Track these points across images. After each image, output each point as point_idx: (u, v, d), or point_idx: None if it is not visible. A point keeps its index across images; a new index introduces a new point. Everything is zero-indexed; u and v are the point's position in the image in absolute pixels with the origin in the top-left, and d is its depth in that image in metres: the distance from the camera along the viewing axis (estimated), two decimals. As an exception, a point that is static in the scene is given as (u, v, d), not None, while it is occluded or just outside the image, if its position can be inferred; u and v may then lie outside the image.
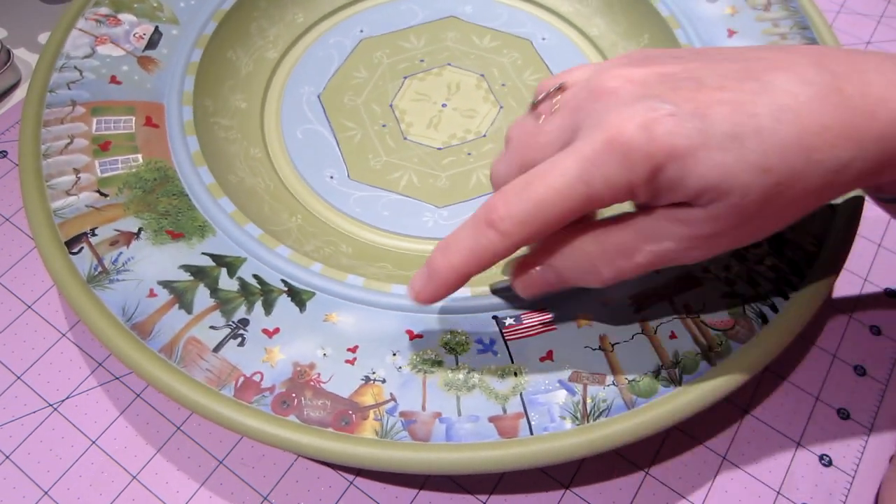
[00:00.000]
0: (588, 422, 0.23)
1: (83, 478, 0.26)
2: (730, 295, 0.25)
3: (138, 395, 0.28)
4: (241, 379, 0.23)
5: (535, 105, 0.22)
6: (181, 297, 0.25)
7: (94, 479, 0.26)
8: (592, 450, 0.22)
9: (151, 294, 0.25)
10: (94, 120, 0.29)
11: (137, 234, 0.26)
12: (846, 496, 0.27)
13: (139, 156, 0.28)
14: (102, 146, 0.28)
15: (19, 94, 0.36)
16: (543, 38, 0.37)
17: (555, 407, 0.23)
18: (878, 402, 0.29)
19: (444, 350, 0.24)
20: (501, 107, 0.34)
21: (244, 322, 0.24)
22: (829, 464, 0.27)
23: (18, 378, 0.28)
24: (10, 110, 0.36)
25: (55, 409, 0.27)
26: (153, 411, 0.27)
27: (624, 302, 0.25)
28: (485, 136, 0.33)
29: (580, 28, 0.37)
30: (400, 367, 0.24)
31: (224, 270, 0.26)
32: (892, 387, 0.29)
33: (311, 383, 0.23)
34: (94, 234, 0.26)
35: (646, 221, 0.20)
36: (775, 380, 0.29)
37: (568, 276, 0.22)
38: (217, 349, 0.24)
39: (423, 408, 0.23)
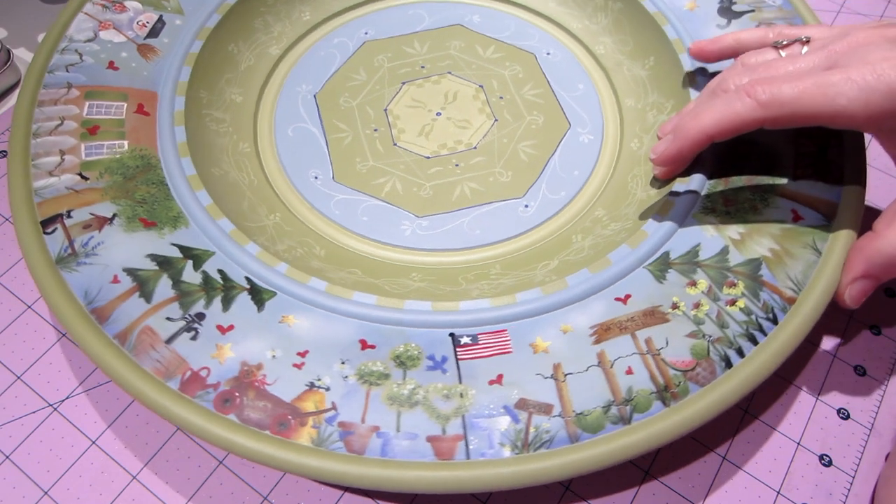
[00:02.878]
0: (528, 451, 0.22)
1: (83, 478, 0.26)
2: (696, 335, 0.24)
3: None
4: (189, 373, 0.23)
5: (780, 46, 0.26)
6: (143, 285, 0.25)
7: (94, 479, 0.26)
8: (526, 482, 0.21)
9: (115, 280, 0.25)
10: (87, 104, 0.29)
11: (111, 220, 0.27)
12: (846, 496, 0.26)
13: (125, 142, 0.29)
14: (91, 130, 0.29)
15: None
16: (548, 53, 0.36)
17: (496, 433, 0.22)
18: (878, 402, 0.29)
19: (394, 363, 0.24)
20: (496, 119, 0.34)
21: (200, 316, 0.24)
22: (829, 464, 0.27)
23: (18, 378, 0.28)
24: (10, 110, 0.35)
25: (55, 409, 0.27)
26: (153, 411, 0.27)
27: (585, 332, 0.25)
28: (475, 148, 0.33)
29: (587, 45, 0.36)
30: (346, 377, 0.23)
31: (190, 263, 0.26)
32: (892, 387, 0.29)
33: (256, 384, 0.23)
34: (69, 217, 0.26)
35: None
36: (775, 380, 0.29)
37: (886, 276, 0.24)
38: (170, 341, 0.24)
39: (363, 420, 0.22)
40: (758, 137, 0.29)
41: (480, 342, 0.25)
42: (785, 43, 0.27)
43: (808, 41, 0.26)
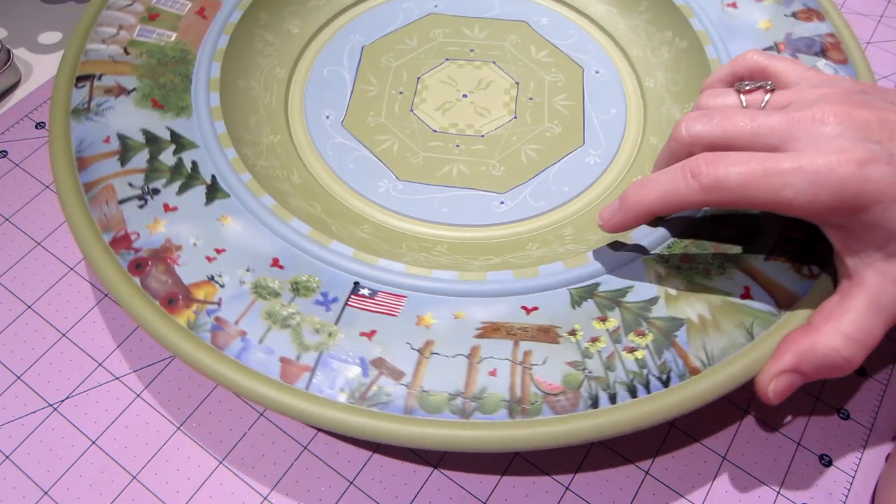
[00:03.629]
0: (361, 404, 0.23)
1: (83, 478, 0.26)
2: (577, 365, 0.24)
3: (138, 396, 0.28)
4: (122, 232, 0.26)
5: (743, 90, 0.25)
6: (126, 151, 0.28)
7: (94, 479, 0.26)
8: (342, 429, 0.22)
9: (107, 140, 0.29)
10: (160, -6, 0.33)
11: (129, 92, 0.30)
12: (846, 496, 0.27)
13: (174, 34, 0.32)
14: (151, 16, 0.33)
15: (19, 93, 0.37)
16: (597, 72, 0.36)
17: (341, 377, 0.23)
18: (878, 402, 0.29)
19: (289, 287, 0.25)
20: (515, 117, 0.34)
21: (155, 191, 0.27)
22: (829, 464, 0.27)
23: (18, 378, 0.28)
24: (10, 110, 0.36)
25: (55, 409, 0.27)
26: (153, 411, 0.28)
27: (474, 324, 0.25)
28: (482, 136, 0.33)
29: (639, 74, 0.35)
30: (243, 283, 0.25)
31: (173, 147, 0.29)
32: (892, 387, 0.29)
33: (168, 260, 0.25)
34: (99, 79, 0.30)
35: (873, 295, 0.22)
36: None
37: (816, 375, 0.23)
38: (122, 202, 0.27)
39: (237, 323, 0.24)
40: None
41: (377, 299, 0.25)
42: (748, 87, 0.25)
43: (772, 89, 0.24)
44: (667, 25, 0.35)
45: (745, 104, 0.24)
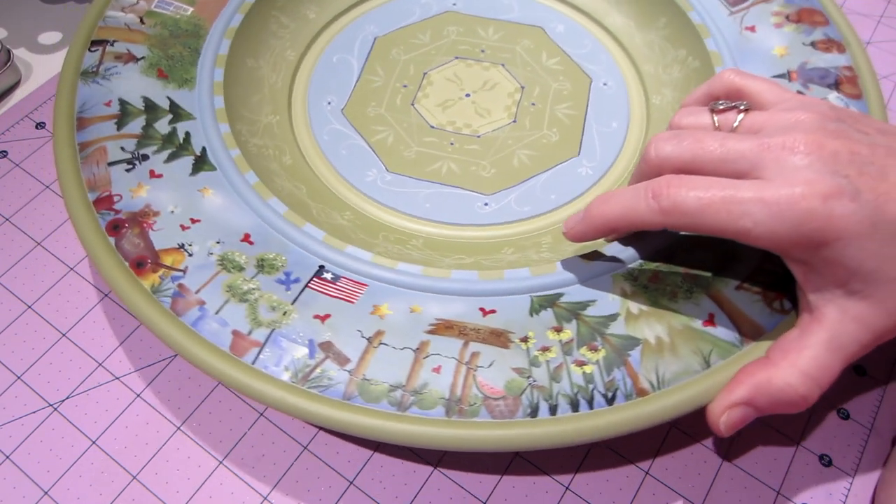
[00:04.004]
0: (302, 385, 0.23)
1: (83, 478, 0.26)
2: (522, 372, 0.23)
3: (138, 395, 0.28)
4: (106, 193, 0.27)
5: (717, 109, 0.24)
6: (124, 116, 0.29)
7: (94, 479, 0.26)
8: (278, 407, 0.23)
9: (108, 104, 0.30)
10: (182, -31, 0.34)
11: (137, 60, 0.31)
12: (846, 496, 0.26)
13: (191, 8, 0.33)
14: (171, -10, 0.34)
15: (19, 94, 0.37)
16: (605, 84, 0.35)
17: (287, 356, 0.23)
18: (878, 402, 0.29)
19: (255, 263, 0.26)
20: (514, 121, 0.34)
21: (144, 157, 0.28)
22: (829, 464, 0.27)
23: (18, 378, 0.28)
24: (10, 110, 0.36)
25: (55, 409, 0.27)
26: (153, 411, 0.28)
27: (428, 319, 0.25)
28: (478, 136, 0.33)
29: (647, 90, 0.35)
30: (211, 254, 0.26)
31: (170, 116, 0.30)
32: (892, 387, 0.29)
33: (144, 224, 0.26)
34: (111, 45, 0.31)
35: (832, 333, 0.22)
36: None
37: (770, 410, 0.23)
38: (111, 164, 0.28)
39: (197, 291, 0.25)
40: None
41: (338, 284, 0.26)
42: (721, 107, 0.24)
43: (746, 109, 0.24)
44: (682, 43, 0.35)
45: (717, 124, 0.24)
